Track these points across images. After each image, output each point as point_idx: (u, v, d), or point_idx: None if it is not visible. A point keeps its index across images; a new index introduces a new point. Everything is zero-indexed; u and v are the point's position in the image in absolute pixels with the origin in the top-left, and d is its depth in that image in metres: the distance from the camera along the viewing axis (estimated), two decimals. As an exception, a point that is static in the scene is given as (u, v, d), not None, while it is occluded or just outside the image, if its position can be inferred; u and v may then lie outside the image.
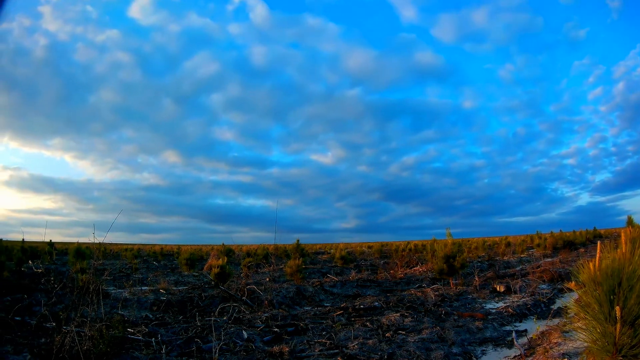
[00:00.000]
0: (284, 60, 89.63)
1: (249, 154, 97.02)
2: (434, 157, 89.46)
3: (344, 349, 4.61)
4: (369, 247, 42.10)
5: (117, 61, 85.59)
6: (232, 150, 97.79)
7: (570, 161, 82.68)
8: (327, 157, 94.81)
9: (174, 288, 9.86)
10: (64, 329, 4.40)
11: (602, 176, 75.55)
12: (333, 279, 11.97)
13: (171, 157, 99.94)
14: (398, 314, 6.32)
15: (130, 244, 64.47)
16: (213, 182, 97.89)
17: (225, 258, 10.20)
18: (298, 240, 16.41)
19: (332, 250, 29.76)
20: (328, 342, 4.95)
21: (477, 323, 5.67)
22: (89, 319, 4.76)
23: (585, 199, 73.46)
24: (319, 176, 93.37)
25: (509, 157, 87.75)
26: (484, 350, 4.64)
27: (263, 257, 20.29)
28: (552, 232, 25.19)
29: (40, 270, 11.73)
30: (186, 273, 13.87)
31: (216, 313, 7.01)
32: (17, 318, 5.55)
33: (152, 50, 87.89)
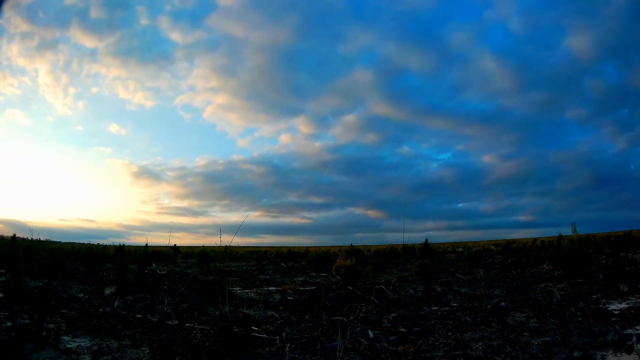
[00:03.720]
0: None
1: (480, 103, 67.58)
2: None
3: (467, 350, 4.54)
4: (497, 245, 39.59)
5: None
6: (472, 97, 66.34)
7: None
8: (578, 111, 70.96)
9: (301, 288, 9.91)
10: (187, 326, 4.35)
11: None
12: (461, 278, 11.80)
13: (377, 107, 65.49)
14: (523, 315, 6.18)
15: (256, 247, 53.28)
16: (417, 152, 65.99)
17: (354, 258, 10.21)
18: (426, 240, 16.69)
19: (459, 249, 29.46)
20: (453, 342, 4.87)
21: (599, 325, 5.30)
22: (212, 317, 4.68)
23: None
24: (551, 142, 70.19)
25: None
26: (604, 355, 4.32)
27: (391, 256, 20.40)
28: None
29: (163, 272, 12.97)
30: (314, 274, 13.93)
31: (343, 312, 6.90)
32: (138, 316, 5.94)
33: None
